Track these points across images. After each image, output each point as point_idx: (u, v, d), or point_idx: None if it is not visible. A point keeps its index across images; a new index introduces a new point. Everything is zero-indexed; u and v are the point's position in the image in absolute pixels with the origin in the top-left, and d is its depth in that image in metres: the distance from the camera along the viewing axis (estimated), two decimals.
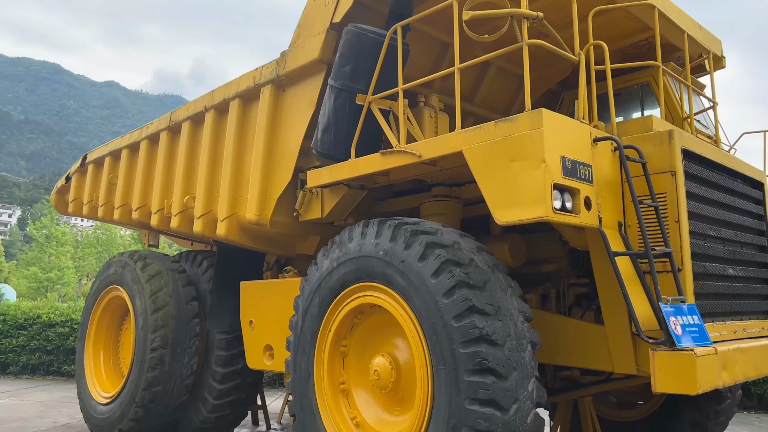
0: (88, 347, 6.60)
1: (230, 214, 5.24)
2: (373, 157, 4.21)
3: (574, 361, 4.27)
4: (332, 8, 4.54)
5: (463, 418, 3.30)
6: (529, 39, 3.55)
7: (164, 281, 5.98)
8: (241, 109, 5.31)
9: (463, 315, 3.40)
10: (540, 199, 3.29)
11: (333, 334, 4.25)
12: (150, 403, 5.71)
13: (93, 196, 7.24)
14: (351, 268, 4.08)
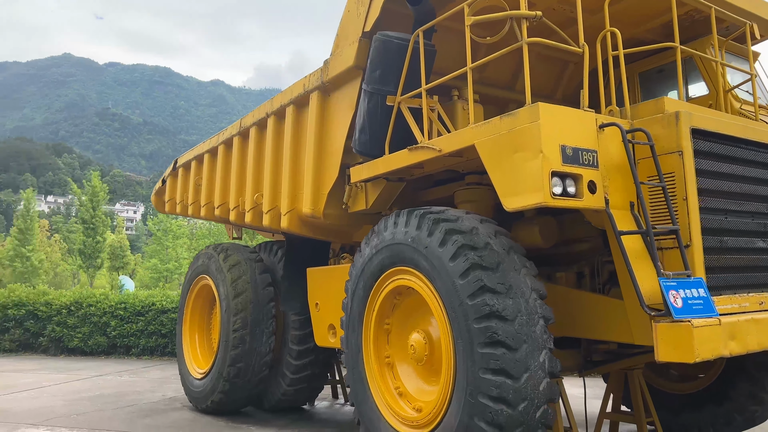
0: (185, 330, 7.56)
1: (291, 209, 5.86)
2: (402, 152, 4.64)
3: (601, 334, 4.50)
4: (363, 18, 4.98)
5: (478, 385, 3.70)
6: (535, 36, 3.83)
7: (243, 270, 6.75)
8: (295, 113, 5.90)
9: (476, 294, 3.77)
10: (539, 186, 3.59)
11: (376, 314, 4.74)
12: (235, 377, 6.50)
13: (183, 196, 8.20)
14: (387, 254, 4.54)
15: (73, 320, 13.56)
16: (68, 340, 13.53)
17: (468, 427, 3.75)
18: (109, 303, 13.48)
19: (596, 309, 4.50)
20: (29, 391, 8.54)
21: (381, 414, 4.58)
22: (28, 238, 39.26)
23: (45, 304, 13.93)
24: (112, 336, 13.27)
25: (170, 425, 6.32)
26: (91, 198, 35.82)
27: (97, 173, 39.41)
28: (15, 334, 14.04)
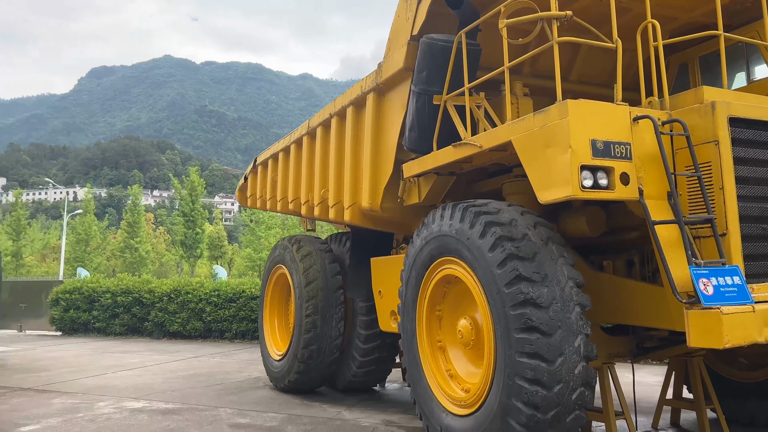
0: (266, 315, 8.20)
1: (353, 203, 6.27)
2: (447, 149, 4.90)
3: (647, 321, 4.58)
4: (411, 22, 5.27)
5: (515, 368, 3.94)
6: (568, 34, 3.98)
7: (314, 259, 7.26)
8: (355, 114, 6.29)
9: (512, 282, 4.00)
10: (568, 179, 3.76)
11: (428, 301, 5.06)
12: (308, 359, 7.04)
13: (262, 192, 8.84)
14: (435, 245, 4.84)
15: (173, 306, 14.79)
16: (169, 324, 14.79)
17: (506, 406, 4.00)
18: (204, 290, 14.58)
19: (642, 296, 4.58)
20: (134, 370, 9.55)
21: (433, 394, 4.90)
22: (136, 231, 42.59)
23: (149, 292, 15.28)
24: (208, 321, 14.37)
25: (252, 402, 6.95)
26: (190, 192, 38.30)
27: (196, 169, 41.99)
28: (124, 319, 15.51)
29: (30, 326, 18.58)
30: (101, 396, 7.30)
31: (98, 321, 15.80)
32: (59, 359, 11.09)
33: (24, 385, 8.17)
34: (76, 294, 16.23)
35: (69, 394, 7.47)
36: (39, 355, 11.91)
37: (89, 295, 16.08)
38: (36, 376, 9.00)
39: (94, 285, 16.29)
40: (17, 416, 6.22)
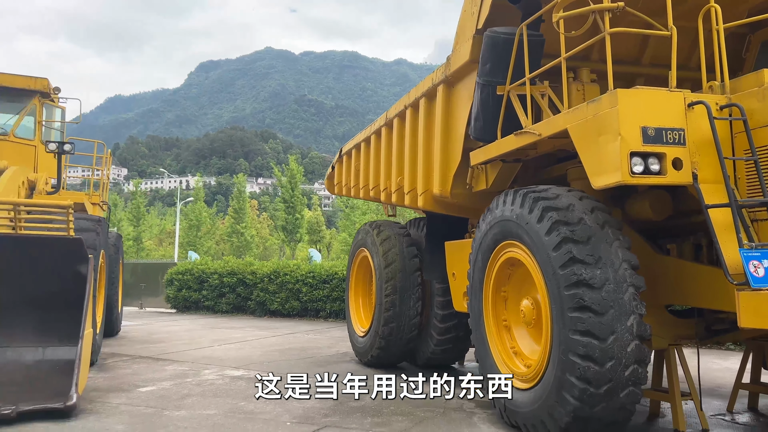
0: (351, 294, 8.78)
1: (425, 190, 6.63)
2: (510, 137, 5.14)
3: (709, 303, 4.63)
4: (476, 16, 5.52)
5: (568, 345, 4.18)
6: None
7: (393, 243, 7.70)
8: (427, 105, 6.62)
9: (566, 264, 4.23)
10: (618, 166, 3.93)
11: (493, 282, 5.35)
12: (388, 336, 7.51)
13: (347, 180, 9.39)
14: (498, 229, 5.12)
15: (273, 287, 15.85)
16: (270, 303, 15.87)
17: (561, 381, 4.25)
18: (301, 272, 15.51)
19: (705, 279, 4.63)
20: (236, 344, 10.49)
21: (498, 369, 5.21)
22: (241, 217, 45.24)
23: (251, 273, 16.44)
24: (304, 300, 15.29)
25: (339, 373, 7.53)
26: (290, 180, 40.12)
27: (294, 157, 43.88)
28: (229, 298, 16.80)
29: (149, 304, 20.51)
30: (207, 365, 8.18)
31: (207, 300, 17.20)
32: (173, 333, 12.33)
33: (143, 354, 9.26)
34: (188, 275, 17.73)
35: (180, 362, 8.43)
36: (156, 329, 13.27)
37: (199, 276, 17.52)
38: (153, 346, 10.14)
39: (203, 267, 17.73)
40: (137, 379, 7.16)
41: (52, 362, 5.88)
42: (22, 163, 9.42)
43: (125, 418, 5.26)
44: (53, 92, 10.43)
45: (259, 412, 5.48)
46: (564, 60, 4.58)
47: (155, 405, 5.77)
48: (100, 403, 5.81)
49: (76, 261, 6.00)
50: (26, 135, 10.14)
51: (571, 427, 4.25)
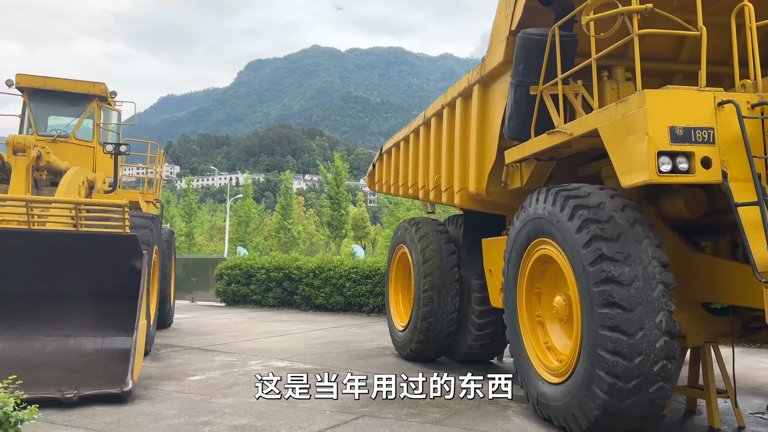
0: (391, 290, 8.98)
1: (462, 188, 6.77)
2: (542, 136, 5.23)
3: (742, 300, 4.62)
4: (510, 18, 5.62)
5: (597, 340, 4.27)
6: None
7: (430, 240, 7.86)
8: (463, 104, 6.75)
9: (595, 261, 4.31)
10: (645, 165, 3.99)
11: (527, 279, 5.46)
12: (426, 331, 7.69)
13: (387, 178, 9.59)
14: (531, 227, 5.22)
15: (318, 282, 16.22)
16: (315, 297, 16.24)
17: (591, 375, 4.34)
18: (344, 268, 15.81)
19: (738, 276, 4.62)
20: (281, 336, 10.86)
21: (532, 364, 5.33)
22: (288, 213, 46.11)
23: (297, 268, 16.86)
24: (348, 295, 15.60)
25: (377, 366, 7.76)
26: (335, 176, 40.66)
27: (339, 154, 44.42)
28: (276, 293, 17.27)
29: (200, 297, 21.24)
30: (253, 356, 8.54)
31: (255, 294, 17.73)
32: (222, 326, 12.83)
33: (194, 345, 9.71)
34: (236, 270, 18.31)
35: (228, 353, 8.82)
36: (206, 321, 13.81)
37: (247, 271, 18.07)
38: (203, 338, 10.60)
39: (251, 262, 18.27)
40: (188, 368, 7.56)
41: (110, 351, 6.30)
42: (82, 163, 10.00)
43: (176, 404, 5.61)
44: (110, 96, 11.01)
45: (301, 401, 5.75)
46: (594, 61, 4.64)
47: (204, 393, 6.11)
48: (154, 390, 6.19)
49: (132, 256, 6.41)
50: (86, 137, 10.74)
51: (601, 420, 4.34)
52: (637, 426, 4.46)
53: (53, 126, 10.75)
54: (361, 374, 5.06)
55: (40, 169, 8.56)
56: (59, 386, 5.51)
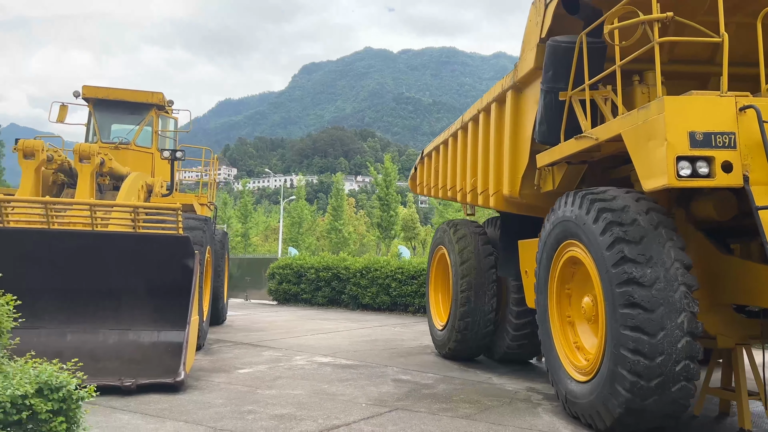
0: (431, 290, 9.20)
1: (496, 190, 6.94)
2: (571, 141, 5.37)
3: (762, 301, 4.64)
4: (540, 26, 5.77)
5: (619, 339, 4.40)
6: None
7: (468, 241, 8.05)
8: (497, 109, 6.92)
9: (618, 263, 4.44)
10: (664, 170, 4.10)
11: (557, 280, 5.60)
12: (464, 330, 7.88)
13: (428, 180, 9.82)
14: (560, 229, 5.37)
15: (365, 282, 16.57)
16: (362, 297, 16.60)
17: (614, 373, 4.47)
18: (390, 268, 16.11)
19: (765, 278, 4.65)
20: (327, 334, 11.24)
21: (561, 363, 5.47)
22: (339, 214, 46.86)
23: (344, 268, 17.27)
24: (394, 295, 15.89)
25: (417, 364, 8.01)
26: (384, 178, 41.06)
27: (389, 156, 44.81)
28: (325, 292, 17.73)
29: (253, 296, 21.97)
30: (299, 352, 8.93)
31: (305, 293, 18.25)
32: (272, 323, 13.33)
33: (244, 340, 10.20)
34: (287, 269, 18.89)
35: (275, 349, 9.25)
36: (257, 319, 14.37)
37: (297, 271, 18.61)
38: (253, 334, 11.09)
39: (301, 262, 18.81)
40: (237, 362, 8.01)
41: (165, 344, 6.79)
42: (141, 168, 10.67)
43: (224, 394, 6.02)
44: (167, 105, 11.67)
45: (339, 394, 6.07)
46: (618, 68, 4.75)
47: (250, 384, 6.51)
48: (204, 381, 6.63)
49: (185, 256, 6.87)
50: (145, 143, 11.42)
51: (624, 418, 4.46)
52: (660, 424, 4.56)
53: (115, 133, 11.48)
54: (399, 370, 5.32)
55: (104, 175, 9.20)
56: (119, 375, 6.01)
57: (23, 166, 7.96)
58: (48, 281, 6.54)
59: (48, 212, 6.67)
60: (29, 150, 7.94)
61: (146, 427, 4.76)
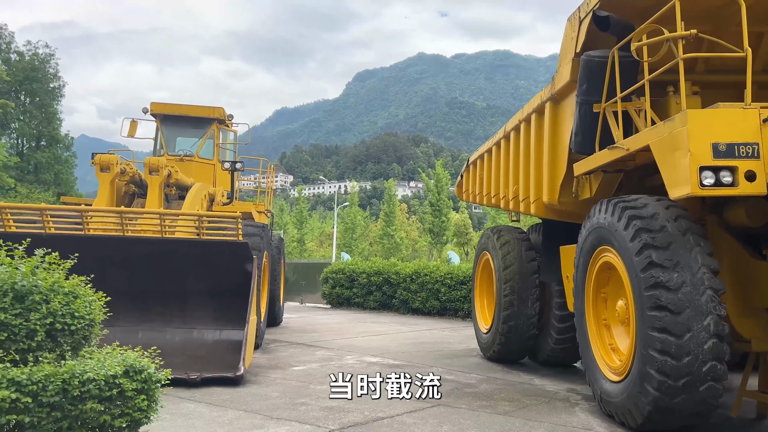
0: (476, 294, 9.50)
1: (537, 198, 7.20)
2: (604, 151, 5.61)
3: None
4: (575, 41, 6.04)
5: (647, 341, 4.63)
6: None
7: (511, 247, 8.31)
8: (537, 120, 7.19)
9: (646, 268, 4.68)
10: (688, 179, 4.33)
11: (593, 284, 5.84)
12: (507, 333, 8.14)
13: (473, 187, 10.12)
14: (595, 235, 5.62)
15: (415, 286, 16.93)
16: (412, 302, 16.97)
17: (642, 373, 4.71)
18: (440, 273, 16.42)
19: None
20: (377, 336, 11.67)
21: (597, 364, 5.71)
22: (391, 220, 47.43)
23: (395, 273, 17.68)
24: (443, 300, 16.18)
25: (462, 365, 8.33)
26: (436, 183, 41.36)
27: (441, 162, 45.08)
28: (376, 296, 18.19)
29: (308, 299, 22.66)
30: (349, 352, 9.39)
31: (357, 297, 18.76)
32: (325, 325, 13.88)
33: (299, 341, 10.75)
34: (340, 274, 19.45)
35: (327, 349, 9.74)
36: (312, 321, 14.95)
37: (350, 275, 19.15)
38: (307, 335, 11.64)
39: (353, 267, 19.34)
40: (292, 360, 8.53)
41: (226, 342, 7.36)
42: (204, 179, 11.41)
43: (279, 388, 6.52)
44: (227, 119, 12.42)
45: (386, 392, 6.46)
46: (647, 82, 4.99)
47: (303, 380, 7.00)
48: (262, 377, 7.16)
49: (244, 260, 7.44)
50: (207, 155, 12.19)
51: (654, 415, 4.68)
52: (690, 422, 4.76)
53: (180, 146, 12.30)
54: (444, 371, 5.61)
55: (170, 185, 9.94)
56: (185, 370, 6.59)
57: (100, 179, 8.74)
58: (123, 283, 7.21)
59: (122, 221, 7.36)
60: (105, 164, 8.71)
61: (210, 414, 5.29)
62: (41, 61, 41.10)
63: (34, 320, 3.07)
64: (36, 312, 3.09)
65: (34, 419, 2.83)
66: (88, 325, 3.30)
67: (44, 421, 2.87)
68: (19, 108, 39.73)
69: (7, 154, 34.89)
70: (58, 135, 41.36)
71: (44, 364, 2.98)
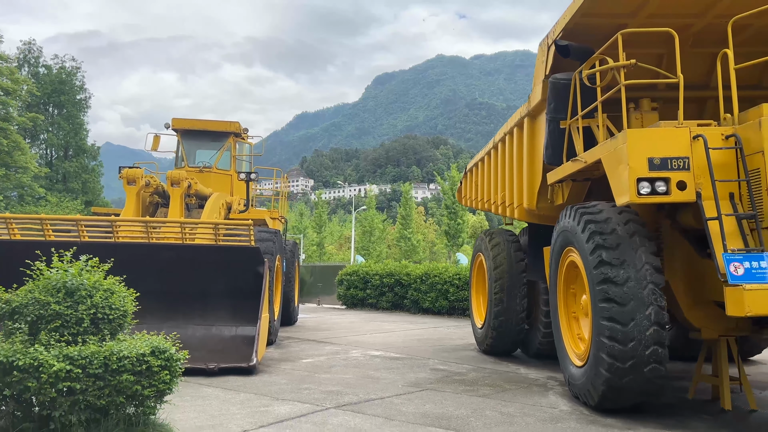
0: (473, 292, 10.21)
1: (519, 204, 7.92)
2: (568, 163, 6.33)
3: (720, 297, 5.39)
4: (545, 65, 6.77)
5: (599, 328, 5.34)
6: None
7: (501, 248, 9.03)
8: (518, 133, 7.91)
9: (597, 266, 5.39)
10: (627, 189, 5.03)
11: (563, 281, 6.55)
12: (498, 327, 8.85)
13: (470, 193, 10.86)
14: (562, 238, 6.33)
15: (425, 287, 17.67)
16: (422, 302, 17.70)
17: (596, 357, 5.41)
18: (448, 274, 17.13)
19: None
20: (384, 333, 12.44)
21: (566, 352, 6.41)
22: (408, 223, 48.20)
23: (406, 275, 18.44)
24: (452, 300, 16.89)
25: (456, 358, 9.05)
26: (451, 186, 41.98)
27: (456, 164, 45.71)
28: (389, 297, 18.96)
29: (325, 301, 23.51)
30: (356, 347, 10.17)
31: (370, 298, 19.55)
32: (337, 324, 14.69)
33: (310, 338, 11.57)
34: (354, 276, 20.26)
35: (335, 344, 10.54)
36: (325, 320, 15.78)
37: (363, 277, 19.95)
38: (319, 333, 12.46)
39: (366, 269, 20.13)
40: (302, 354, 9.35)
41: (241, 337, 8.20)
42: (222, 189, 12.31)
43: (287, 377, 7.33)
44: (243, 132, 13.32)
45: (382, 379, 7.24)
46: (600, 104, 5.70)
47: (310, 370, 7.80)
48: (273, 368, 7.98)
49: (256, 263, 8.27)
50: (224, 167, 13.10)
51: (608, 394, 5.39)
52: (639, 400, 5.45)
53: (199, 158, 13.23)
54: (439, 362, 6.33)
55: (191, 196, 10.84)
56: (205, 361, 7.43)
57: (127, 191, 9.67)
58: (149, 285, 8.08)
59: (147, 229, 8.25)
60: (131, 178, 9.64)
61: (224, 396, 6.12)
62: (68, 74, 42.75)
63: (81, 311, 3.92)
64: (83, 304, 3.94)
65: (82, 386, 3.68)
66: (122, 315, 4.14)
67: (90, 388, 3.71)
68: (47, 120, 41.42)
69: (38, 165, 36.45)
70: (84, 145, 42.97)
71: (90, 345, 3.82)
